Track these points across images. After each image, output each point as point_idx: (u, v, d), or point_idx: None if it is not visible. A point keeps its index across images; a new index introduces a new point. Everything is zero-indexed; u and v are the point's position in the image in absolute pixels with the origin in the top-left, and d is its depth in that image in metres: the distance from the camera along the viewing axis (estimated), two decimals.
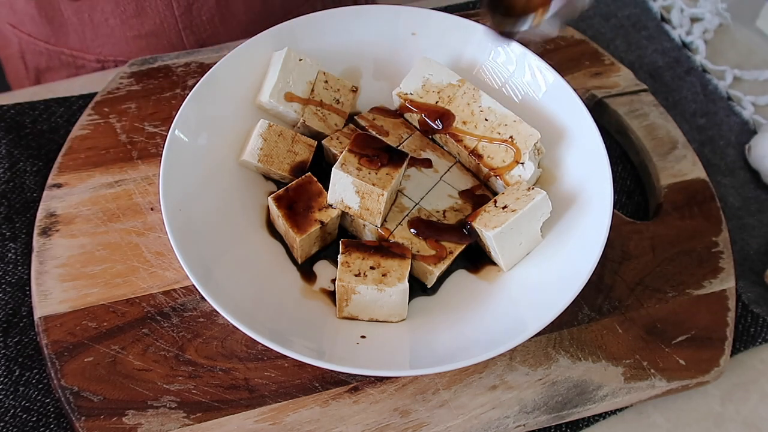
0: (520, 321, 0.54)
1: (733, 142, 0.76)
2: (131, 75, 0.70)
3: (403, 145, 0.63)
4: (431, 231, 0.59)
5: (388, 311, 0.56)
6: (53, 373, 0.54)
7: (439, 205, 0.61)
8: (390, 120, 0.65)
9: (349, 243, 0.57)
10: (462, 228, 0.60)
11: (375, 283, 0.54)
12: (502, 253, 0.57)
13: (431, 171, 0.63)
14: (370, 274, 0.55)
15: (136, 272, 0.59)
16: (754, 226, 0.70)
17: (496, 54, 0.66)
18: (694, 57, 0.83)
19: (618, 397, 0.57)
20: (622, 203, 0.71)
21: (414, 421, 0.55)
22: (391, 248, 0.57)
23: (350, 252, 0.56)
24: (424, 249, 0.58)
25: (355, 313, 0.56)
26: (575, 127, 0.62)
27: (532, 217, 0.57)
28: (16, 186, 0.64)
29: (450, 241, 0.59)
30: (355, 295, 0.55)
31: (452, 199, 0.62)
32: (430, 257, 0.58)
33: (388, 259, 0.56)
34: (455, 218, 0.60)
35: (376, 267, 0.55)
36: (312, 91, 0.63)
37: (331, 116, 0.64)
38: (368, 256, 0.56)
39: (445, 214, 0.60)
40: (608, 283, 0.62)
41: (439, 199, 0.61)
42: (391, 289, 0.54)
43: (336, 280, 0.55)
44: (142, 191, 0.63)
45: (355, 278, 0.54)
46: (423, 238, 0.59)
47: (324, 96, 0.63)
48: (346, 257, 0.56)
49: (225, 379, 0.55)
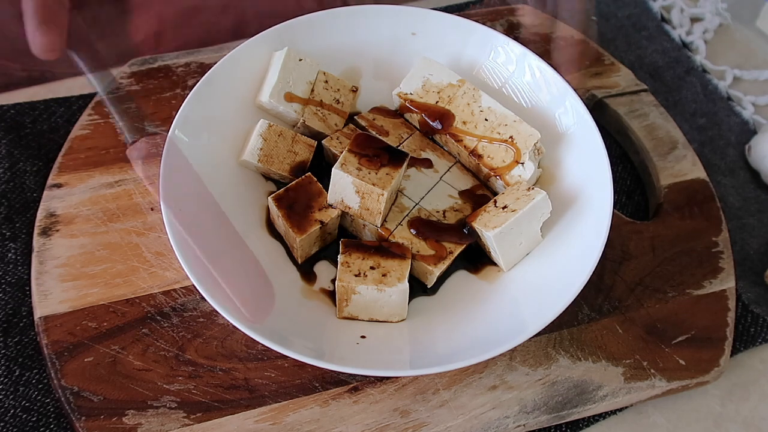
0: (520, 321, 0.54)
1: (733, 142, 0.76)
2: (131, 75, 0.70)
3: (403, 145, 0.63)
4: (431, 231, 0.59)
5: (388, 311, 0.56)
6: (53, 373, 0.54)
7: (439, 205, 0.61)
8: (390, 120, 0.65)
9: (349, 243, 0.57)
10: (462, 228, 0.60)
11: (375, 283, 0.54)
12: (502, 253, 0.57)
13: (431, 171, 0.63)
14: (370, 274, 0.55)
15: (136, 272, 0.59)
16: (754, 226, 0.70)
17: (496, 54, 0.66)
18: (694, 57, 0.83)
19: (618, 397, 0.57)
20: (622, 203, 0.71)
21: (414, 421, 0.55)
22: (391, 248, 0.57)
23: (350, 252, 0.56)
24: (424, 249, 0.58)
25: (355, 313, 0.56)
26: (575, 127, 0.62)
27: (532, 217, 0.57)
28: (16, 186, 0.64)
29: (450, 242, 0.59)
30: (355, 295, 0.55)
31: (452, 199, 0.62)
32: (430, 257, 0.58)
33: (388, 260, 0.56)
34: (455, 218, 0.60)
35: (376, 267, 0.55)
36: (312, 91, 0.63)
37: (331, 116, 0.64)
38: (368, 256, 0.56)
39: (445, 214, 0.60)
40: (608, 283, 0.62)
41: (439, 199, 0.61)
42: (391, 289, 0.54)
43: (336, 280, 0.55)
44: (142, 191, 0.63)
45: (355, 278, 0.54)
46: (423, 238, 0.59)
47: (324, 96, 0.63)
48: (346, 257, 0.56)
49: (225, 379, 0.55)
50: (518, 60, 0.65)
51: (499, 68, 0.66)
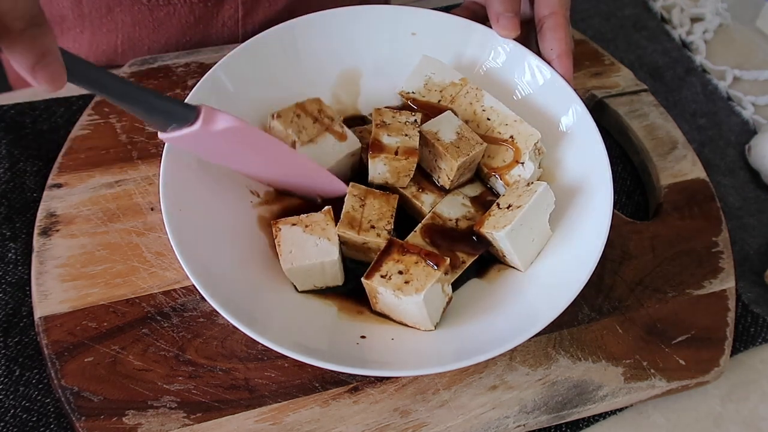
0: (520, 321, 0.54)
1: (733, 142, 0.76)
2: (131, 75, 0.70)
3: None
4: (444, 239, 0.58)
5: (411, 319, 0.55)
6: (53, 373, 0.54)
7: (452, 213, 0.60)
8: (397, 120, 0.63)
9: (394, 242, 0.55)
10: (473, 236, 0.59)
11: (393, 288, 0.53)
12: (516, 251, 0.56)
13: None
14: (394, 278, 0.53)
15: (136, 272, 0.59)
16: (754, 226, 0.70)
17: (496, 54, 0.66)
18: (694, 57, 0.83)
19: (618, 397, 0.57)
20: (622, 203, 0.71)
21: (414, 421, 0.55)
22: (429, 257, 0.54)
23: (391, 252, 0.55)
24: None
25: (386, 312, 0.56)
26: (575, 127, 0.62)
27: (539, 210, 0.56)
28: (16, 186, 0.64)
29: (463, 251, 0.58)
30: (379, 295, 0.54)
31: (465, 208, 0.61)
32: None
33: (419, 267, 0.54)
34: (467, 225, 0.60)
35: (403, 272, 0.54)
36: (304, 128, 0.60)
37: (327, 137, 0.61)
38: (402, 259, 0.54)
39: (457, 223, 0.60)
40: (608, 283, 0.62)
41: (453, 206, 0.61)
42: (406, 298, 0.53)
43: (363, 276, 0.54)
44: (142, 191, 0.63)
45: (379, 279, 0.53)
46: (436, 246, 0.58)
47: (309, 127, 0.61)
48: (386, 257, 0.54)
49: (225, 379, 0.55)
50: (518, 60, 0.65)
51: (499, 68, 0.66)
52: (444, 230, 0.59)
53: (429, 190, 0.61)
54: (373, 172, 0.59)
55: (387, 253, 0.55)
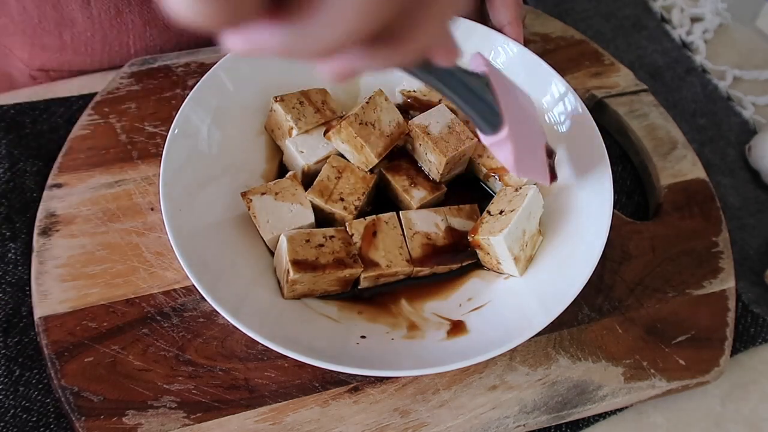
0: (520, 321, 0.54)
1: (733, 142, 0.76)
2: (131, 75, 0.70)
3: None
4: (432, 258, 0.58)
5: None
6: (53, 373, 0.54)
7: (429, 228, 0.59)
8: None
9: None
10: (458, 249, 0.59)
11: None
12: (512, 256, 0.56)
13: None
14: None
15: (136, 272, 0.59)
16: (754, 226, 0.70)
17: (496, 54, 0.66)
18: (694, 57, 0.83)
19: (618, 397, 0.57)
20: (622, 203, 0.71)
21: (414, 421, 0.55)
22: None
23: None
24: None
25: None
26: (575, 127, 0.62)
27: (530, 214, 0.57)
28: (16, 186, 0.64)
29: (449, 264, 0.58)
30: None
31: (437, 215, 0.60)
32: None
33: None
34: (449, 233, 0.59)
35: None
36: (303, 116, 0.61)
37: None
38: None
39: (437, 234, 0.59)
40: (608, 283, 0.62)
41: (425, 219, 0.60)
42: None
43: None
44: (142, 191, 0.63)
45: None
46: (424, 266, 0.58)
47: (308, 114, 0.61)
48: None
49: (225, 379, 0.55)
50: (518, 60, 0.65)
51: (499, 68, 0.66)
52: (432, 251, 0.58)
53: (421, 185, 0.61)
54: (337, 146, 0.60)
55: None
